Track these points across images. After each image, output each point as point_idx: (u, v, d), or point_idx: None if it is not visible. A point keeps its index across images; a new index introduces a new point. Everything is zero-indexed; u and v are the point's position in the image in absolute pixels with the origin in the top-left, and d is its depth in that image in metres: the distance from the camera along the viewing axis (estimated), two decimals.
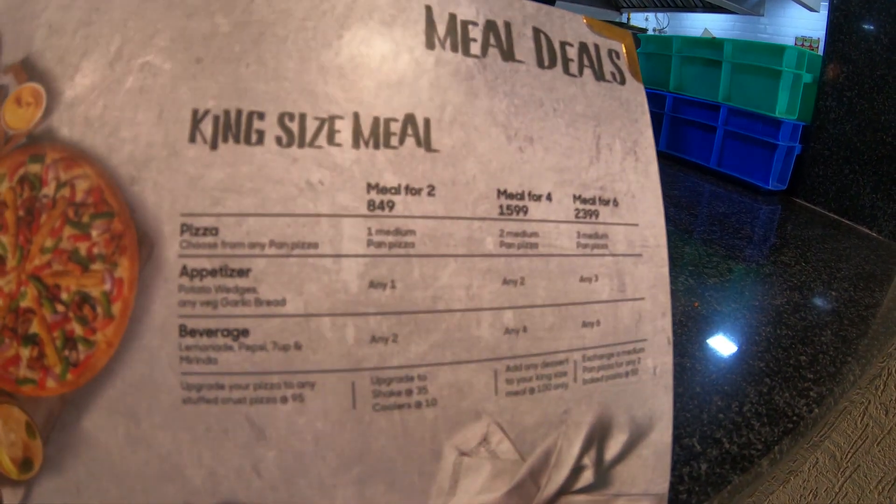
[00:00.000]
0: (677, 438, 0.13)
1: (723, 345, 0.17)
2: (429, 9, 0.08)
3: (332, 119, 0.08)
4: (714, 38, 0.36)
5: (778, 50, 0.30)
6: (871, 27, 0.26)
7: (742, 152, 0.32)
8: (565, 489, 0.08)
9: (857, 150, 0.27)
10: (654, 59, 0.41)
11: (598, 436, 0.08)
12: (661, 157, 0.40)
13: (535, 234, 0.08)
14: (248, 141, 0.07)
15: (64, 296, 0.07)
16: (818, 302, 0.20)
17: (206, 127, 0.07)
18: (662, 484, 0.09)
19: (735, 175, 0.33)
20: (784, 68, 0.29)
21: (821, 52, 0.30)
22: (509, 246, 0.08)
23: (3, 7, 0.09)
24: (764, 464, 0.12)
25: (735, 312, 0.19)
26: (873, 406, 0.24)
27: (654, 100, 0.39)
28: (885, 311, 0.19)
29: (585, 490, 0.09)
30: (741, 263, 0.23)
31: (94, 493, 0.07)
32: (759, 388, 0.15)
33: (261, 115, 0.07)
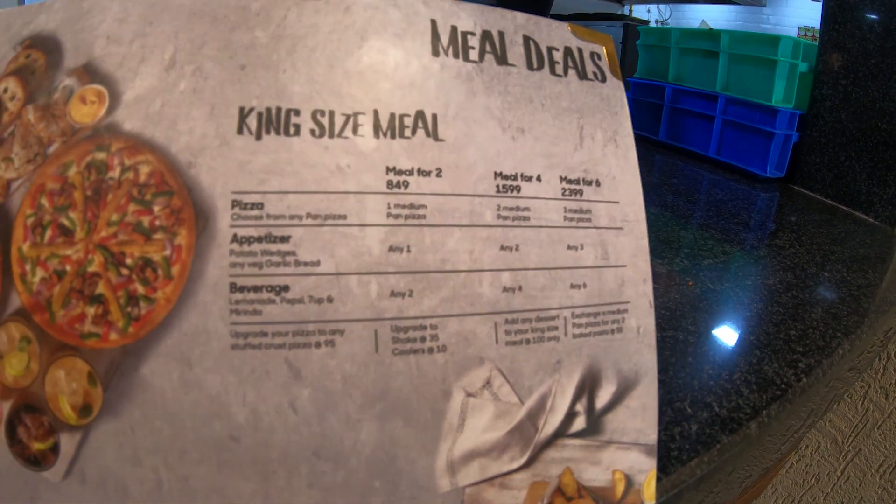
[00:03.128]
0: (669, 402, 0.16)
1: (715, 320, 0.20)
2: (434, 22, 0.12)
3: (355, 115, 0.11)
4: (711, 29, 0.41)
5: (773, 40, 0.35)
6: (866, 16, 0.31)
7: (740, 141, 0.37)
8: (560, 432, 0.11)
9: (852, 137, 0.31)
10: (653, 51, 0.47)
11: (588, 385, 0.11)
12: (661, 146, 0.45)
13: (527, 209, 0.11)
14: (286, 133, 0.11)
15: (128, 261, 0.10)
16: (810, 282, 0.23)
17: (252, 121, 0.11)
18: (651, 436, 0.12)
19: (733, 163, 0.38)
20: (780, 58, 0.34)
21: None
22: (505, 218, 0.11)
23: (61, 20, 0.12)
24: (752, 426, 0.15)
25: (728, 291, 0.22)
26: (873, 390, 0.28)
27: (654, 91, 0.44)
28: (882, 293, 0.23)
29: (579, 435, 0.11)
30: (736, 246, 0.27)
31: (147, 432, 0.10)
32: (749, 359, 0.18)
33: (297, 112, 0.11)
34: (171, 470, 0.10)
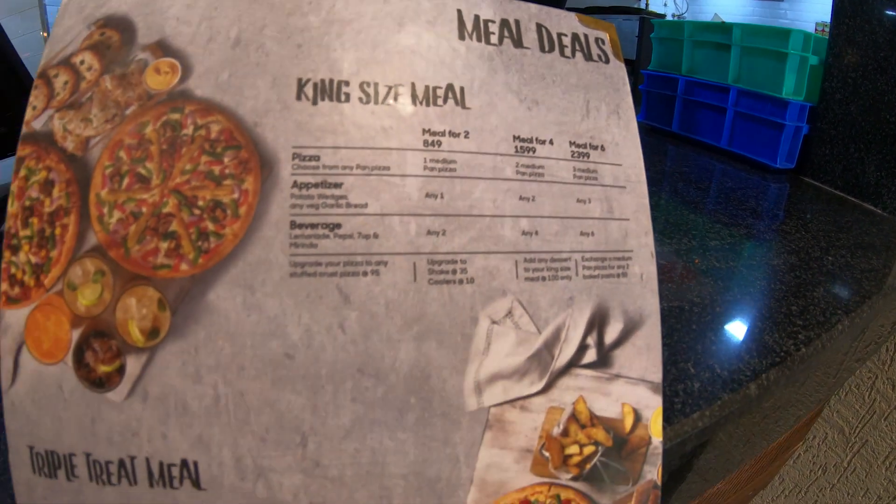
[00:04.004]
0: (674, 363, 0.18)
1: (718, 294, 0.24)
2: (460, 12, 0.16)
3: (396, 86, 0.14)
4: (723, 22, 0.47)
5: (784, 33, 0.41)
6: (876, 11, 0.37)
7: (751, 132, 0.42)
8: (574, 362, 0.14)
9: (862, 129, 0.36)
10: (666, 43, 0.53)
11: (598, 321, 0.14)
12: (674, 137, 0.50)
13: (541, 167, 0.15)
14: (338, 100, 0.14)
15: (200, 203, 0.13)
16: (814, 265, 0.26)
17: (309, 90, 0.14)
18: (656, 374, 0.15)
19: (744, 154, 0.42)
20: (790, 51, 0.39)
21: None
22: (523, 174, 0.14)
23: (133, 4, 0.16)
24: (752, 388, 0.18)
25: (732, 269, 0.26)
26: (880, 381, 0.30)
27: (667, 83, 0.50)
28: (891, 279, 0.26)
29: (590, 366, 0.14)
30: (743, 230, 0.30)
31: (209, 351, 0.12)
32: (751, 329, 0.21)
33: (346, 83, 0.14)
34: (229, 385, 0.12)
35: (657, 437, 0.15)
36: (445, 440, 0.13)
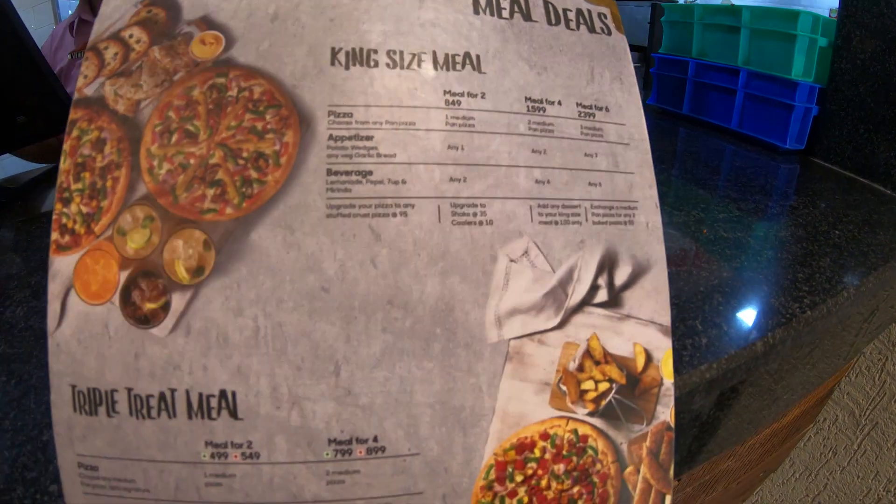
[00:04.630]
0: (682, 320, 0.20)
1: (726, 261, 0.26)
2: None
3: (419, 54, 0.17)
4: (733, 5, 0.51)
5: (793, 15, 0.44)
6: None
7: (761, 114, 0.45)
8: (587, 301, 0.16)
9: (871, 110, 0.39)
10: (677, 27, 0.57)
11: (607, 264, 0.16)
12: (685, 119, 0.54)
13: (551, 125, 0.17)
14: (368, 65, 0.17)
15: (244, 154, 0.15)
16: (821, 238, 0.29)
17: (341, 57, 0.17)
18: (665, 317, 0.17)
19: (755, 135, 0.45)
20: (799, 32, 0.43)
21: None
22: (534, 130, 0.17)
23: None
24: (758, 345, 0.20)
25: (740, 239, 0.28)
26: (890, 363, 0.32)
27: (678, 66, 0.53)
28: None
29: (602, 306, 0.16)
30: (751, 205, 0.33)
31: (251, 286, 0.15)
32: (758, 293, 0.23)
33: (375, 51, 0.17)
34: (269, 317, 0.14)
35: (669, 378, 0.17)
36: (469, 370, 0.15)
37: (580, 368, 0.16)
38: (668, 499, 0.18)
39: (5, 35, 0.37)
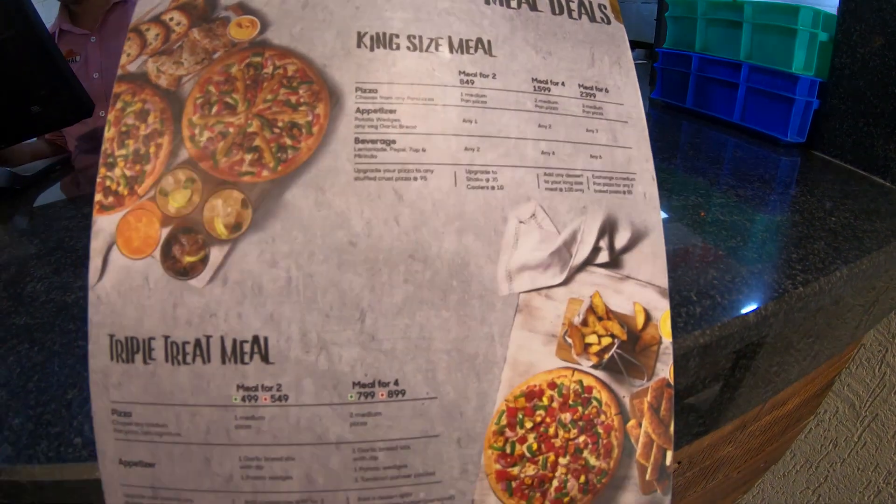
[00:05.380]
0: (677, 291, 0.23)
1: (722, 240, 0.29)
2: None
3: (437, 39, 0.20)
4: (735, 0, 0.56)
5: (794, 10, 0.49)
6: None
7: (763, 107, 0.49)
8: (589, 261, 0.19)
9: (870, 104, 0.43)
10: (680, 22, 0.63)
11: (608, 229, 0.19)
12: (688, 113, 0.59)
13: (556, 103, 0.20)
14: (391, 48, 0.20)
15: (280, 124, 0.19)
16: (817, 223, 0.32)
17: (366, 40, 0.20)
18: (663, 280, 0.20)
19: (756, 129, 0.50)
20: (800, 27, 0.48)
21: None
22: (541, 107, 0.20)
23: None
24: (750, 317, 0.23)
25: (736, 222, 0.31)
26: (890, 354, 0.35)
27: (681, 60, 0.58)
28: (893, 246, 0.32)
29: (604, 266, 0.19)
30: (749, 192, 0.37)
31: (285, 240, 0.17)
32: (752, 270, 0.26)
33: (397, 36, 0.20)
34: (301, 269, 0.17)
35: (667, 337, 0.20)
36: (482, 319, 0.18)
37: (584, 323, 0.19)
38: (670, 455, 0.21)
39: (21, 26, 0.41)
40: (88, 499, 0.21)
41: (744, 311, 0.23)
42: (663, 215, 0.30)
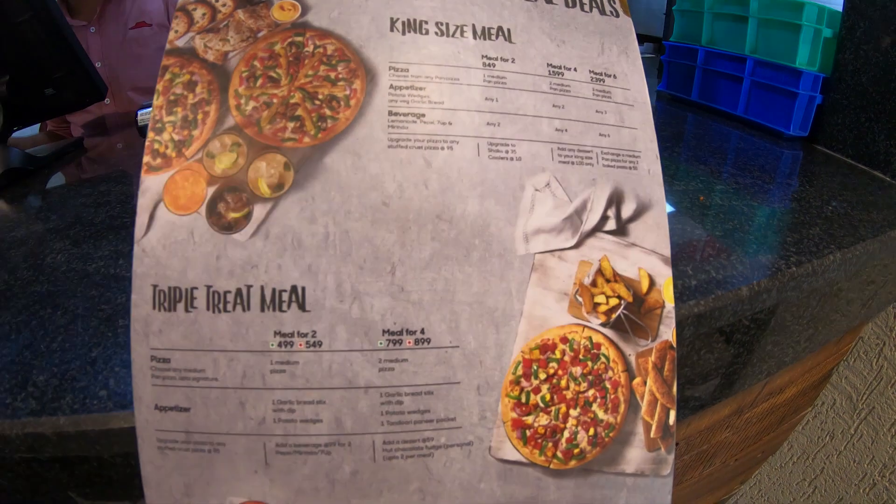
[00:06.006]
0: (674, 265, 0.26)
1: (719, 223, 0.33)
2: None
3: (462, 26, 0.24)
4: None
5: (798, 6, 0.54)
6: None
7: (767, 101, 0.54)
8: (598, 228, 0.22)
9: (872, 100, 0.48)
10: (687, 16, 0.68)
11: (615, 200, 0.23)
12: (694, 105, 0.64)
13: (568, 86, 0.24)
14: (421, 32, 0.24)
15: (320, 96, 0.22)
16: (814, 211, 0.36)
17: (398, 25, 0.24)
18: (665, 249, 0.23)
19: (760, 122, 0.54)
20: (804, 23, 0.52)
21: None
22: (555, 89, 0.24)
23: None
24: (744, 290, 0.26)
25: (735, 206, 0.35)
26: (888, 347, 0.38)
27: (688, 53, 0.63)
28: (891, 236, 0.35)
29: (611, 233, 0.22)
30: (748, 180, 0.40)
31: (324, 199, 0.20)
32: (746, 250, 0.30)
33: (426, 22, 0.24)
34: (338, 225, 0.20)
35: (670, 302, 0.23)
36: (501, 276, 0.21)
37: (593, 284, 0.22)
38: (673, 414, 0.24)
39: (37, 8, 0.44)
40: (111, 449, 0.23)
41: (737, 285, 0.27)
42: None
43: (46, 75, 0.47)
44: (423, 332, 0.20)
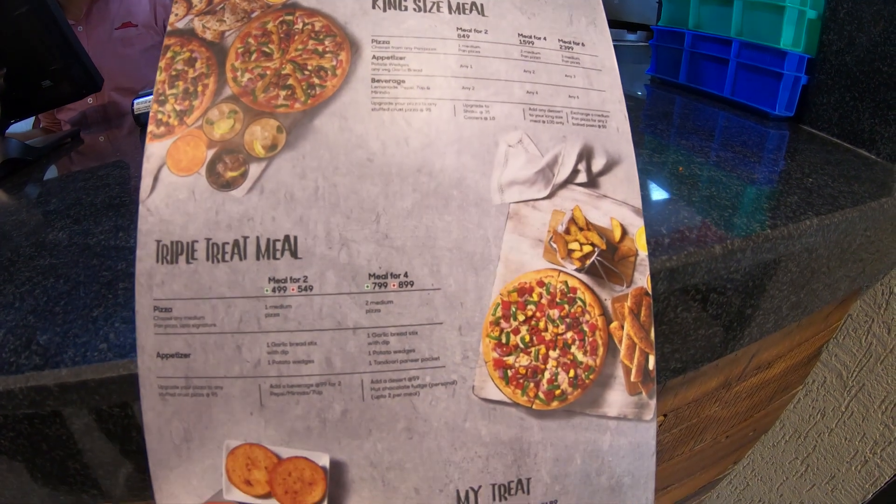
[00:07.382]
0: (649, 225, 0.32)
1: (696, 190, 0.38)
2: None
3: (438, 2, 0.30)
4: None
5: None
6: None
7: (752, 82, 0.61)
8: (570, 180, 0.27)
9: (857, 79, 0.54)
10: (675, 1, 0.77)
11: (585, 155, 0.28)
12: (681, 88, 0.71)
13: (539, 54, 0.30)
14: (400, 9, 0.30)
15: (309, 67, 0.28)
16: (794, 183, 0.41)
17: (380, 3, 0.30)
18: (636, 201, 0.28)
19: (746, 103, 0.61)
20: (788, 4, 0.61)
21: None
22: (526, 56, 0.29)
23: None
24: (716, 248, 0.31)
25: (713, 177, 0.40)
26: (877, 324, 0.43)
27: (675, 37, 0.71)
28: (878, 206, 0.40)
29: (583, 185, 0.28)
30: (730, 154, 0.46)
31: (313, 157, 0.26)
32: (722, 214, 0.35)
33: (405, 0, 0.30)
34: (326, 179, 0.25)
35: (643, 250, 0.28)
36: (479, 224, 0.26)
37: (567, 232, 0.27)
38: (652, 359, 0.28)
39: (33, 3, 0.52)
40: (110, 399, 0.28)
41: (711, 243, 0.32)
42: (642, 171, 0.40)
43: (43, 67, 0.54)
44: (406, 275, 0.25)
